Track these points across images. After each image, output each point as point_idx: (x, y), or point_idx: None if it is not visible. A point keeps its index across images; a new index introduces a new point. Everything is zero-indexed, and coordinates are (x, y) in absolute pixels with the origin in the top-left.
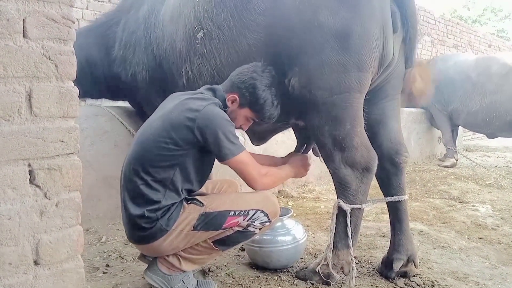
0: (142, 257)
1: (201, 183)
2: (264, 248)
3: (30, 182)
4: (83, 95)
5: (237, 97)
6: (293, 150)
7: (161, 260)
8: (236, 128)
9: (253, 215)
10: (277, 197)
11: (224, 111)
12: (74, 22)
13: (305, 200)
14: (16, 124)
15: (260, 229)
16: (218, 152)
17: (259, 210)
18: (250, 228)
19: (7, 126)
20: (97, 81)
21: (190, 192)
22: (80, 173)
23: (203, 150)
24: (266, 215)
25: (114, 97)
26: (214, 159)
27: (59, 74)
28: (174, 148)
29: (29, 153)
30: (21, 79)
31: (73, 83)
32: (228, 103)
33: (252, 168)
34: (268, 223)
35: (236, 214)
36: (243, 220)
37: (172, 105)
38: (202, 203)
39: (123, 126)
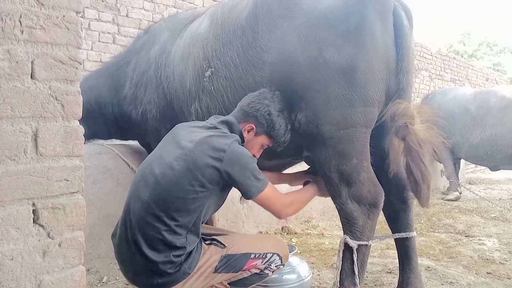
0: None
1: (214, 212)
2: (270, 287)
3: (34, 221)
4: (93, 136)
5: (253, 126)
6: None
7: None
8: None
9: (270, 258)
10: (280, 233)
11: (241, 144)
12: (81, 64)
13: (309, 236)
14: (22, 164)
15: (273, 271)
16: (246, 191)
17: (275, 253)
18: (266, 271)
19: (13, 166)
20: (106, 121)
21: (203, 223)
22: (84, 212)
23: (226, 187)
24: (280, 258)
25: (123, 137)
26: (230, 190)
27: (65, 113)
28: (200, 190)
29: (34, 192)
30: (27, 119)
31: (79, 122)
32: (244, 134)
33: (276, 201)
34: (282, 266)
35: (256, 256)
36: (261, 263)
37: (192, 144)
38: (224, 245)
39: (126, 164)
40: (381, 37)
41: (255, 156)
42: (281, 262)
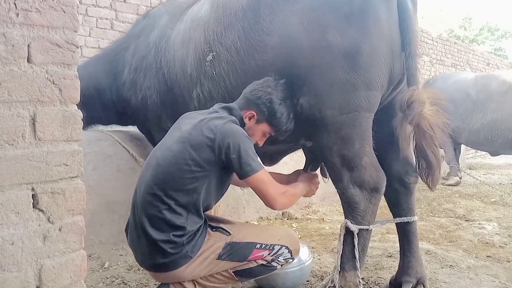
0: None
1: (218, 198)
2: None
3: (34, 206)
4: (93, 121)
5: (254, 113)
6: (300, 169)
7: (175, 285)
8: None
9: (278, 251)
10: (281, 219)
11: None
12: (78, 47)
13: (309, 221)
14: (20, 148)
15: (282, 265)
16: (239, 169)
17: (284, 246)
18: (274, 263)
19: (11, 151)
20: (105, 107)
21: (206, 208)
22: (83, 196)
23: (224, 169)
24: (290, 251)
25: (123, 122)
26: (233, 177)
27: (63, 98)
28: (197, 170)
29: (33, 177)
30: (25, 104)
31: (77, 107)
32: (246, 120)
33: (272, 186)
34: (291, 260)
35: (262, 247)
36: (268, 254)
37: (190, 126)
38: (229, 232)
39: (126, 150)
40: (385, 20)
41: (258, 144)
42: (291, 255)
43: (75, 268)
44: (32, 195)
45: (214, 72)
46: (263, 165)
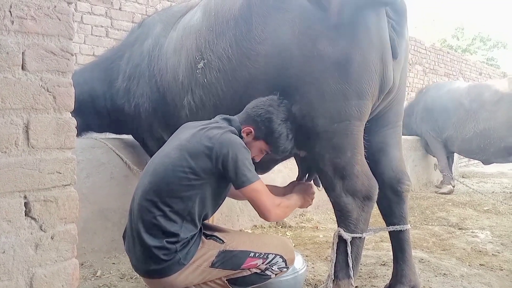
0: None
1: (215, 209)
2: None
3: (26, 214)
4: (87, 128)
5: (252, 130)
6: (295, 180)
7: None
8: None
9: (272, 259)
10: (275, 227)
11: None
12: (72, 55)
13: (303, 229)
14: (13, 156)
15: (276, 274)
16: (235, 179)
17: (278, 255)
18: (268, 272)
19: (4, 158)
20: (100, 114)
21: (203, 218)
22: (76, 204)
23: (220, 179)
24: (284, 261)
25: (117, 131)
26: (230, 187)
27: (57, 105)
28: (193, 178)
29: (25, 185)
30: (19, 111)
31: (71, 114)
32: (243, 135)
33: (266, 198)
34: (286, 270)
35: (256, 256)
36: (262, 263)
37: (189, 135)
38: (223, 240)
39: (120, 158)
40: (376, 29)
41: (255, 159)
42: (285, 265)
43: (67, 277)
44: (25, 203)
45: (206, 80)
46: (259, 177)
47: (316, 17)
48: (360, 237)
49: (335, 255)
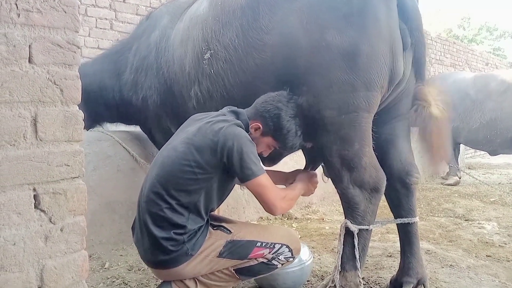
0: None
1: (221, 201)
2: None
3: (35, 206)
4: (98, 119)
5: (260, 126)
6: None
7: (177, 283)
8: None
9: (278, 249)
10: (281, 219)
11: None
12: (79, 48)
13: (309, 221)
14: (22, 149)
15: (282, 264)
16: (240, 172)
17: (284, 245)
18: (274, 262)
19: (13, 151)
20: (109, 106)
21: (209, 210)
22: (85, 197)
23: (226, 172)
24: (290, 250)
25: (126, 122)
26: (236, 179)
27: (64, 98)
28: (199, 172)
29: (34, 177)
30: (26, 104)
31: (78, 107)
32: (251, 130)
33: (271, 191)
34: (292, 259)
35: (263, 245)
36: (269, 252)
37: (195, 128)
38: (230, 231)
39: (126, 150)
40: (385, 20)
41: (262, 154)
42: (292, 254)
43: (77, 269)
44: (34, 195)
45: (212, 70)
46: (264, 171)
47: (324, 7)
48: (367, 229)
49: (342, 246)
